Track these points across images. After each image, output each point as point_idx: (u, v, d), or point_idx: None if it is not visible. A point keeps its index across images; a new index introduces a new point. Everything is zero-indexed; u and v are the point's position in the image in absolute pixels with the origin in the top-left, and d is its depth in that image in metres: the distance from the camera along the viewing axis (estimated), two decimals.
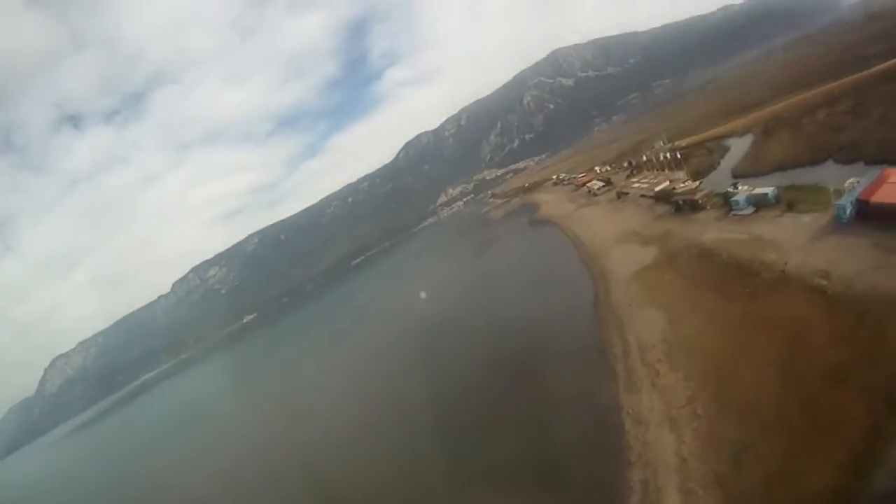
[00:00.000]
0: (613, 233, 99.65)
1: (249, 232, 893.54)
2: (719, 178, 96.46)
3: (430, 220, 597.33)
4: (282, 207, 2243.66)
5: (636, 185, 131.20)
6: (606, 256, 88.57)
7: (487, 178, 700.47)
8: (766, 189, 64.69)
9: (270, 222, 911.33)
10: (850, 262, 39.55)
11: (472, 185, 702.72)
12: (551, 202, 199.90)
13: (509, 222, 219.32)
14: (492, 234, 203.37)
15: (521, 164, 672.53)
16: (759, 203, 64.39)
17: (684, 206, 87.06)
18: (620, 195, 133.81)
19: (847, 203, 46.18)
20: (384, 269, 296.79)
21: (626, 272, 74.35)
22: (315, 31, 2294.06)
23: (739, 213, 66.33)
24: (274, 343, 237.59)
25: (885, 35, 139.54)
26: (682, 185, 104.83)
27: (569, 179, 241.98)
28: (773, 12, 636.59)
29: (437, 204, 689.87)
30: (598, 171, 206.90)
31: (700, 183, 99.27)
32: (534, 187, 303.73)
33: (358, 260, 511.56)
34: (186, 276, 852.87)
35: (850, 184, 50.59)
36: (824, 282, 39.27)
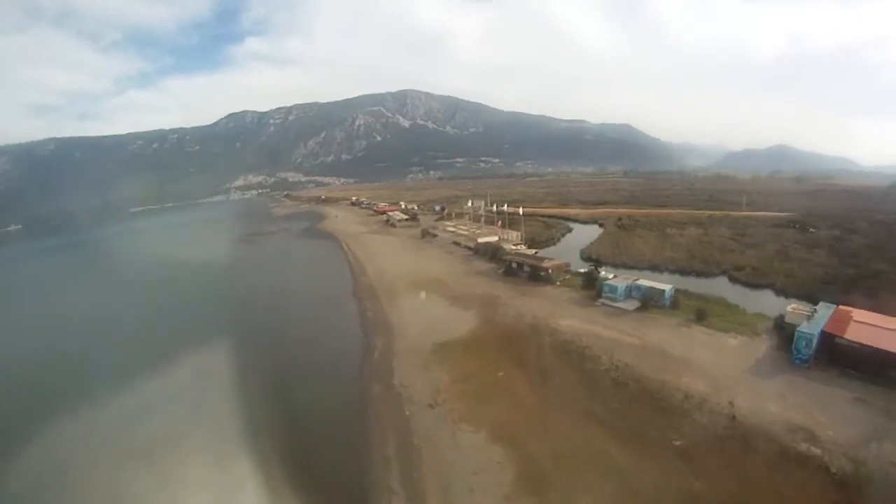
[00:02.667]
0: (410, 272, 72.64)
1: (50, 136, 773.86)
2: (560, 254, 77.85)
3: (219, 197, 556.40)
4: (90, 124, 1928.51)
5: (450, 229, 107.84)
6: (393, 300, 60.47)
7: (290, 179, 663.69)
8: (659, 285, 51.18)
9: (73, 134, 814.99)
10: (837, 422, 27.67)
11: (272, 180, 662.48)
12: (342, 219, 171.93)
13: (288, 223, 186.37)
14: (264, 230, 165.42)
15: (327, 179, 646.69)
16: (648, 299, 49.16)
17: (520, 271, 64.50)
18: (426, 234, 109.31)
19: (807, 335, 34.53)
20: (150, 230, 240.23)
21: (423, 338, 46.24)
22: None
23: (613, 304, 50.46)
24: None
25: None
26: (515, 245, 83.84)
27: (368, 204, 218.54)
28: (621, 143, 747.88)
29: (233, 185, 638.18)
30: (404, 206, 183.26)
31: (537, 251, 79.52)
32: (329, 201, 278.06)
33: (138, 209, 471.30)
34: None
35: (793, 310, 40.48)
36: (816, 450, 25.49)
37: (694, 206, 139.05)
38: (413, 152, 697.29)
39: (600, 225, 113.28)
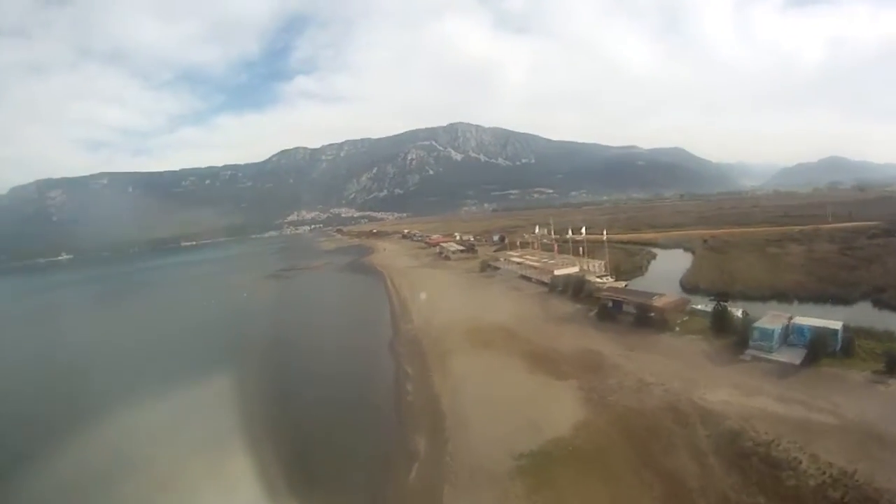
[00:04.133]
0: (468, 318, 53.80)
1: (103, 170, 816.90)
2: (655, 286, 57.19)
3: (272, 232, 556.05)
4: (143, 160, 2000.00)
5: (516, 259, 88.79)
6: (445, 362, 42.08)
7: (343, 215, 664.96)
8: (824, 322, 36.26)
9: (127, 170, 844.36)
10: None
11: (325, 215, 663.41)
12: (390, 252, 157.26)
13: (333, 257, 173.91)
14: (304, 264, 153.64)
15: (380, 214, 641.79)
16: (816, 345, 33.75)
17: (619, 312, 46.24)
18: (487, 267, 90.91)
19: None
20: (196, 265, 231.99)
21: (495, 441, 27.47)
22: (256, 4, 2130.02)
23: (768, 356, 34.98)
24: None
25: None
26: (601, 278, 64.11)
27: (419, 236, 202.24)
28: (674, 167, 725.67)
29: (286, 220, 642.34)
30: (459, 237, 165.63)
31: (627, 283, 60.41)
32: (380, 235, 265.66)
33: (190, 243, 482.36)
34: (28, 186, 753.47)
35: None
36: None
37: (773, 222, 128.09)
38: (466, 185, 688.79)
39: (686, 249, 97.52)
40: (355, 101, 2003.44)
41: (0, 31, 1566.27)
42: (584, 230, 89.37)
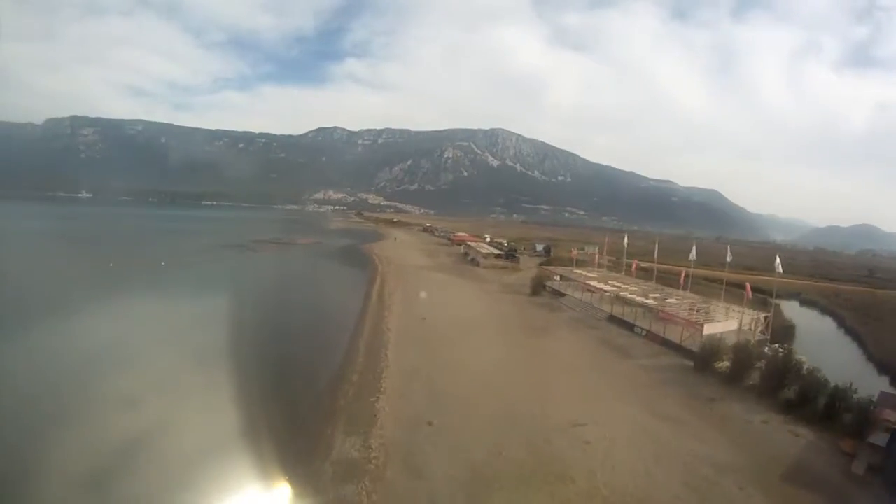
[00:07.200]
0: (543, 461, 24.34)
1: (140, 117, 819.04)
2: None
3: (294, 206, 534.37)
4: (182, 115, 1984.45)
5: (595, 284, 58.82)
6: None
7: (371, 201, 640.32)
8: None
9: (164, 121, 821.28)
10: None
11: (352, 199, 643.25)
12: (401, 242, 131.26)
13: (331, 238, 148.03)
14: (290, 239, 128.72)
15: (407, 206, 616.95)
16: None
17: None
18: (540, 289, 61.58)
19: None
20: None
21: None
22: None
23: None
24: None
25: None
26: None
27: (443, 232, 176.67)
28: (708, 209, 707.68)
29: (312, 196, 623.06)
30: (490, 239, 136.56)
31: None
32: (398, 224, 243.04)
33: (210, 202, 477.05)
34: (63, 120, 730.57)
35: None
36: None
37: (857, 280, 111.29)
38: (498, 193, 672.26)
39: (803, 303, 77.65)
40: (400, 91, 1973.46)
41: None
42: (655, 255, 60.19)
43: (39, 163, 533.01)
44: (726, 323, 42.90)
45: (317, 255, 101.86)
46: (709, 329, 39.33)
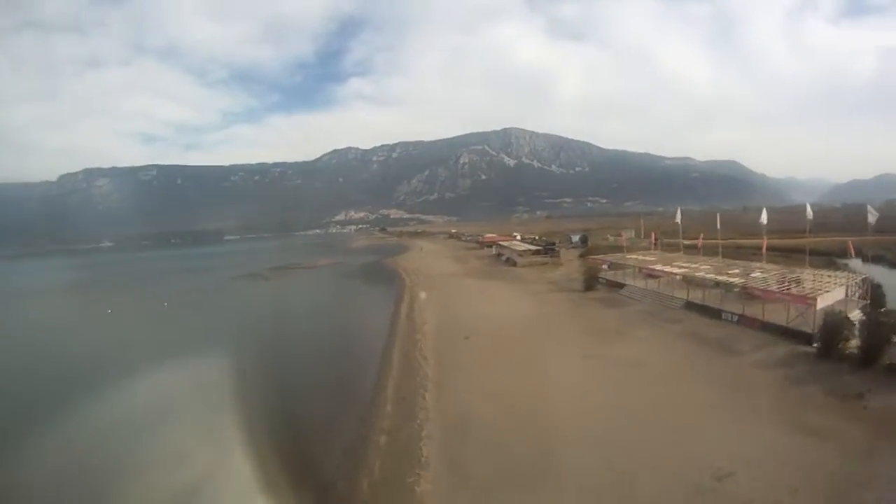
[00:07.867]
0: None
1: (153, 162, 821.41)
2: None
3: (317, 230, 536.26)
4: (194, 154, 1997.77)
5: (661, 268, 49.78)
6: None
7: (392, 216, 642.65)
8: None
9: (177, 163, 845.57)
10: None
11: (374, 216, 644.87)
12: (427, 252, 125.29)
13: (352, 256, 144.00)
14: (308, 262, 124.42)
15: (430, 217, 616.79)
16: None
17: None
18: (594, 282, 52.56)
19: None
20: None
21: None
22: (312, 5, 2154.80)
23: None
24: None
25: None
26: None
27: (470, 237, 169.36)
28: (729, 180, 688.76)
29: (333, 219, 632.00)
30: (520, 238, 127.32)
31: None
32: (423, 235, 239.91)
33: (233, 237, 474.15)
34: (77, 174, 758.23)
35: None
36: None
37: None
38: (518, 192, 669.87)
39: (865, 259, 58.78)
40: (409, 103, 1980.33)
41: (55, 26, 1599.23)
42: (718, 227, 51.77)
43: (58, 217, 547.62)
44: (834, 293, 34.04)
45: (336, 275, 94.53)
46: (821, 302, 31.13)
